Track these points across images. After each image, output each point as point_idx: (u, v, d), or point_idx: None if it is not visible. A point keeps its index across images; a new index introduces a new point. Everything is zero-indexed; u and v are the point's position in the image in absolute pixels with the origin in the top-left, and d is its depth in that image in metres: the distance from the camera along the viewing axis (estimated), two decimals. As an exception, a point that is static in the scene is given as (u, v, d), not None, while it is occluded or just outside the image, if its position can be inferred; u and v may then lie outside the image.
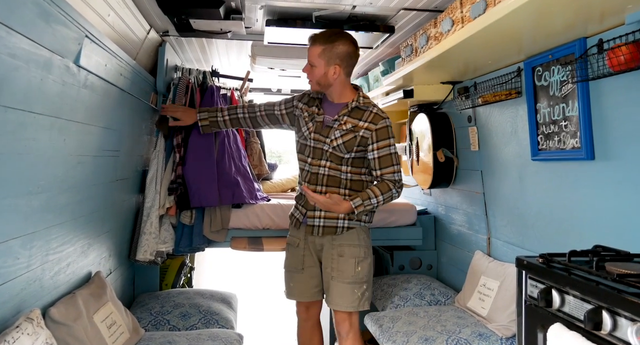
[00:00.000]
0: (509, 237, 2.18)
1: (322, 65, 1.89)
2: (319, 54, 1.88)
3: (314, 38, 1.91)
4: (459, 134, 2.57)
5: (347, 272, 1.92)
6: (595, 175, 1.59)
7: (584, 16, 1.42)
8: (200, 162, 2.42)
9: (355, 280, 1.93)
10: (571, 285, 1.05)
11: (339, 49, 1.88)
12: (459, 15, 1.83)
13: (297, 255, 2.04)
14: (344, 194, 1.94)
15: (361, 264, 1.94)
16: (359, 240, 1.97)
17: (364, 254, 1.96)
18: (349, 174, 1.95)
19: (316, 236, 1.98)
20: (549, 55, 1.75)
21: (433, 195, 3.00)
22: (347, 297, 1.92)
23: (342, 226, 1.94)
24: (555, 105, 1.76)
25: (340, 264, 1.93)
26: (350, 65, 1.94)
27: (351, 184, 1.96)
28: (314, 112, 2.00)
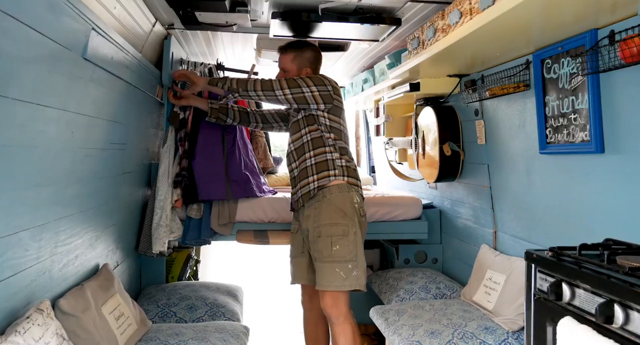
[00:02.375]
0: (515, 231, 2.17)
1: (295, 70, 2.17)
2: (291, 60, 2.17)
3: (284, 47, 2.21)
4: (466, 128, 2.56)
5: (325, 251, 1.94)
6: (605, 169, 1.57)
7: (595, 7, 1.40)
8: (208, 157, 2.45)
9: (334, 259, 1.92)
10: (582, 278, 1.04)
11: (307, 55, 2.19)
12: (468, 7, 1.81)
13: (297, 241, 2.14)
14: (310, 156, 2.06)
15: (340, 242, 1.93)
16: (336, 218, 1.96)
17: (342, 232, 1.95)
18: (307, 134, 2.08)
19: (303, 217, 2.05)
20: (559, 47, 1.73)
21: (439, 189, 2.99)
22: (327, 276, 1.93)
23: (313, 187, 2.02)
24: (564, 98, 1.74)
25: (318, 244, 1.96)
26: (318, 69, 2.25)
27: (312, 142, 2.06)
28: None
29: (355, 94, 3.70)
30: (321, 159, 2.05)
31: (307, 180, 2.05)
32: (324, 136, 2.07)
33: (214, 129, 2.50)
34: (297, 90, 2.05)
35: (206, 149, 2.46)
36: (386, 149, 3.52)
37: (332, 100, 2.09)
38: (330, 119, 2.09)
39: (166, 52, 2.44)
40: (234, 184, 2.50)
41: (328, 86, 2.08)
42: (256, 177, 2.65)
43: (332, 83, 2.11)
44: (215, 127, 2.51)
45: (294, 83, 2.05)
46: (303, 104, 2.07)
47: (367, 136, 4.49)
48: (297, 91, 2.04)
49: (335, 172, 2.02)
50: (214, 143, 2.49)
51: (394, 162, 3.46)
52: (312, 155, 2.06)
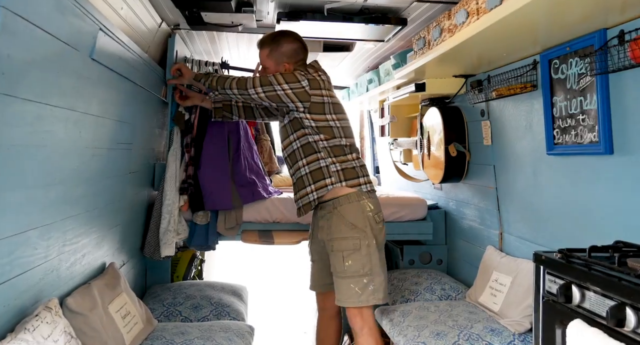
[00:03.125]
0: (522, 233, 2.16)
1: (273, 66, 2.01)
2: (266, 56, 2.01)
3: (261, 42, 2.04)
4: (471, 128, 2.55)
5: (338, 266, 1.87)
6: (613, 170, 1.56)
7: (605, 6, 1.39)
8: (214, 166, 2.43)
9: (347, 275, 1.85)
10: (592, 281, 1.04)
11: (284, 48, 2.00)
12: (474, 7, 1.80)
13: (312, 246, 2.11)
14: (303, 164, 1.95)
15: (352, 257, 1.84)
16: (347, 232, 1.87)
17: (353, 246, 1.85)
18: (296, 141, 1.96)
19: (317, 225, 2.00)
20: (567, 47, 1.72)
21: (444, 189, 2.98)
22: (344, 292, 1.87)
23: (313, 199, 1.93)
24: (572, 99, 1.73)
25: (332, 259, 1.90)
26: (300, 61, 2.04)
27: (303, 149, 1.94)
28: None
29: (360, 95, 3.69)
30: (315, 167, 1.93)
31: (306, 190, 1.95)
32: (314, 140, 1.94)
33: (219, 132, 2.48)
34: (269, 88, 1.90)
35: (212, 159, 2.43)
36: (391, 149, 3.51)
37: (309, 96, 1.91)
38: (314, 119, 1.93)
39: (170, 50, 2.42)
40: (241, 189, 2.49)
41: (302, 82, 1.90)
42: (262, 180, 2.65)
43: (309, 77, 1.93)
44: (220, 131, 2.48)
45: (266, 80, 1.91)
46: (278, 102, 1.95)
47: (372, 136, 4.49)
48: (269, 89, 1.90)
49: (332, 180, 1.90)
50: (219, 150, 2.45)
51: (398, 162, 3.45)
52: (304, 163, 1.95)
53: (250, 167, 2.61)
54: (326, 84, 1.99)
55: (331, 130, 1.95)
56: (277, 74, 1.93)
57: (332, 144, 1.94)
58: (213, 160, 2.44)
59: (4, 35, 0.96)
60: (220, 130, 2.47)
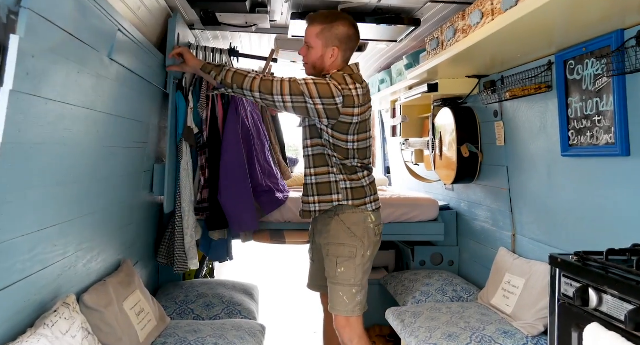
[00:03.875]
0: (535, 235, 2.14)
1: (320, 47, 1.78)
2: (316, 34, 1.78)
3: (312, 18, 1.81)
4: (484, 129, 2.53)
5: (331, 271, 1.82)
6: (631, 172, 1.54)
7: (622, 7, 1.38)
8: (235, 184, 2.30)
9: (338, 282, 1.80)
10: (610, 284, 1.03)
11: (338, 30, 1.77)
12: (489, 7, 1.79)
13: (310, 246, 2.10)
14: (311, 174, 1.85)
15: (345, 264, 1.78)
16: (344, 239, 1.81)
17: (348, 253, 1.79)
18: (309, 148, 1.85)
19: (316, 229, 1.96)
20: (583, 48, 1.70)
21: (456, 190, 2.96)
22: (333, 299, 1.83)
23: (314, 210, 1.86)
24: (588, 100, 1.71)
25: (327, 263, 1.86)
26: (350, 49, 1.82)
27: (314, 160, 1.84)
28: None
29: (372, 95, 3.68)
30: (323, 180, 1.83)
31: (308, 198, 1.88)
32: (327, 154, 1.82)
33: (233, 138, 2.31)
34: (299, 98, 1.71)
35: (231, 179, 2.28)
36: (402, 149, 3.51)
37: (339, 115, 1.73)
38: (334, 136, 1.78)
39: (171, 33, 2.05)
40: (261, 200, 2.44)
41: (337, 98, 1.71)
42: (274, 180, 2.57)
43: (345, 93, 1.73)
44: (234, 136, 2.32)
45: (298, 89, 1.70)
46: (304, 115, 1.79)
47: (383, 136, 4.48)
48: (299, 100, 1.71)
49: (339, 197, 1.81)
50: (236, 162, 2.30)
51: (410, 163, 3.45)
52: (313, 173, 1.85)
53: (264, 170, 2.51)
54: (361, 100, 1.78)
55: (347, 152, 1.82)
56: (311, 84, 1.71)
57: (345, 163, 1.84)
58: (233, 178, 2.29)
59: (28, 36, 0.98)
60: (234, 134, 2.32)
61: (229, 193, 2.29)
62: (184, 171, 2.27)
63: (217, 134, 2.36)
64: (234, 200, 2.30)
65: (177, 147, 2.28)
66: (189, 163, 2.28)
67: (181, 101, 2.27)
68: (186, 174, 2.27)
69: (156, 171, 2.28)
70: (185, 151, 2.27)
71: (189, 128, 2.27)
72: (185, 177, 2.27)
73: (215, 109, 2.37)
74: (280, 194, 2.58)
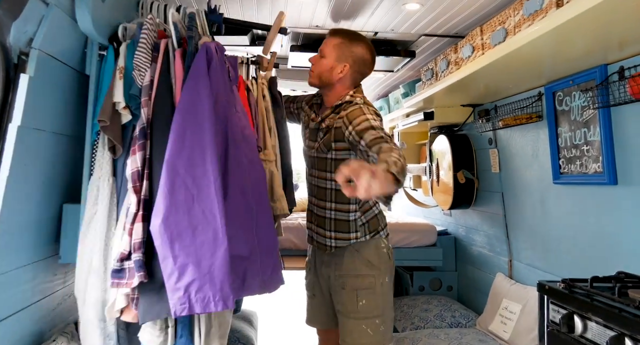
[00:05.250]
0: (531, 260, 2.17)
1: (333, 58, 1.70)
2: (334, 45, 1.71)
3: (336, 30, 1.76)
4: (480, 156, 2.59)
5: (349, 306, 1.68)
6: (618, 201, 1.59)
7: (604, 44, 1.46)
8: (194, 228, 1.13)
9: (360, 316, 1.67)
10: (593, 311, 1.06)
11: (356, 49, 1.71)
12: (479, 42, 1.88)
13: (309, 280, 1.90)
14: (330, 207, 1.72)
15: (366, 296, 1.68)
16: (362, 270, 1.70)
17: (368, 284, 1.68)
18: (332, 181, 1.69)
19: (322, 261, 1.80)
20: (570, 81, 1.78)
21: (453, 216, 3.00)
22: (353, 333, 1.68)
23: (330, 245, 1.72)
24: (576, 130, 1.77)
25: (342, 297, 1.70)
26: (360, 73, 1.74)
27: (336, 194, 1.70)
28: (310, 117, 1.82)
29: (370, 121, 3.77)
30: (342, 217, 1.71)
31: (325, 232, 1.74)
32: None
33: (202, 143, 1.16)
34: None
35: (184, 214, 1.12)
36: (401, 175, 3.56)
37: None
38: None
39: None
40: (250, 270, 1.25)
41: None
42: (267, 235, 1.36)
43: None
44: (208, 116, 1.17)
45: (387, 135, 1.50)
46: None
47: (382, 161, 4.53)
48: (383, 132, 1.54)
49: (357, 235, 1.71)
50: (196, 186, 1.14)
51: (408, 188, 3.50)
52: (333, 207, 1.72)
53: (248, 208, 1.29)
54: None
55: None
56: (380, 127, 1.54)
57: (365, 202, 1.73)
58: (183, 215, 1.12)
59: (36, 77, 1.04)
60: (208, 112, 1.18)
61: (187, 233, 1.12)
62: (91, 197, 1.21)
63: (167, 111, 1.22)
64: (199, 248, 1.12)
65: (92, 150, 1.27)
66: (104, 183, 1.22)
67: (109, 59, 1.29)
68: (102, 206, 1.20)
69: (67, 215, 1.32)
70: (103, 154, 1.24)
71: (113, 107, 1.21)
72: (91, 206, 1.20)
73: (170, 68, 1.27)
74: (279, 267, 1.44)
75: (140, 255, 1.13)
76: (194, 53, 1.25)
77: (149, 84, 1.24)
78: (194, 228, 1.11)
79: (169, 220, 1.09)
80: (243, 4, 1.95)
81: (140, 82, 1.23)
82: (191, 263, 1.10)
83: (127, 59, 1.26)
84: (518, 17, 1.60)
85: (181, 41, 1.31)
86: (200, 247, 1.10)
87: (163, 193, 1.10)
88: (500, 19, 1.72)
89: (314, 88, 1.80)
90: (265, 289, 1.32)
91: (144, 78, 1.24)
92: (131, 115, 1.25)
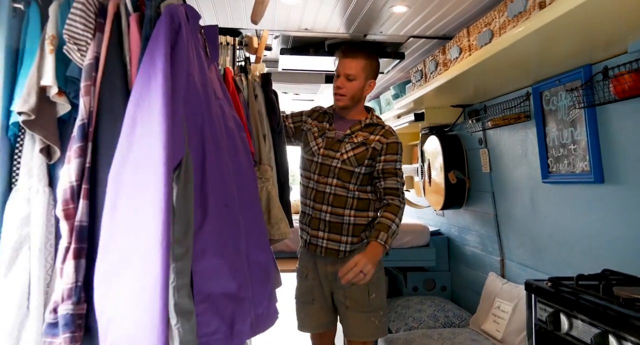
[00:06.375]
0: (522, 259, 2.18)
1: (363, 79, 1.83)
2: (362, 68, 1.81)
3: (353, 52, 1.82)
4: (470, 156, 2.61)
5: (361, 300, 1.80)
6: (605, 199, 1.61)
7: (588, 45, 1.47)
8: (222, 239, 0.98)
9: (370, 309, 1.81)
10: (579, 309, 1.07)
11: (374, 65, 1.87)
12: (466, 44, 1.90)
13: (307, 286, 1.91)
14: (349, 214, 1.82)
15: (375, 290, 1.82)
16: None
17: (376, 279, 1.79)
18: (355, 191, 1.82)
19: (325, 262, 1.84)
20: (556, 81, 1.80)
21: (446, 216, 3.01)
22: (365, 326, 1.81)
23: (343, 250, 1.81)
24: (563, 129, 1.79)
25: (353, 293, 1.80)
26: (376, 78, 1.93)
27: (357, 203, 1.83)
28: (324, 127, 1.89)
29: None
30: (361, 222, 1.83)
31: (340, 237, 1.81)
32: (369, 198, 1.85)
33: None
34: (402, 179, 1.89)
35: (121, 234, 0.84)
36: (394, 176, 3.57)
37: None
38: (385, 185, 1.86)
39: None
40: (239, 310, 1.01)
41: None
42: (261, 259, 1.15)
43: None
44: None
45: (401, 173, 1.89)
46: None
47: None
48: (402, 181, 1.88)
49: (367, 235, 1.85)
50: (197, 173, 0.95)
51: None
52: (352, 214, 1.82)
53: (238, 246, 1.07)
54: None
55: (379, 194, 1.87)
56: (401, 172, 1.87)
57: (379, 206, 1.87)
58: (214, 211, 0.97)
59: None
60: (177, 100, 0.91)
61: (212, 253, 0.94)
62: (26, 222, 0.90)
63: (117, 102, 0.92)
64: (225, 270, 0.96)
65: (11, 153, 0.95)
66: (44, 190, 0.92)
67: (31, 21, 0.96)
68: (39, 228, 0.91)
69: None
70: (32, 157, 0.93)
71: (42, 93, 0.91)
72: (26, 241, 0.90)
73: (123, 41, 0.96)
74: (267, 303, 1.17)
75: (69, 307, 0.82)
76: (155, 19, 0.92)
77: (91, 63, 0.90)
78: (126, 266, 0.79)
79: (106, 256, 0.80)
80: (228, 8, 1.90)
81: (80, 60, 0.90)
82: (115, 318, 0.79)
83: (61, 24, 0.91)
84: (503, 18, 1.62)
85: (138, 3, 0.97)
86: (130, 294, 0.79)
87: (104, 218, 0.82)
88: (486, 21, 1.73)
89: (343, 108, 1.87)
90: (258, 329, 1.06)
91: (84, 54, 0.90)
92: (71, 104, 0.93)
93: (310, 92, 3.11)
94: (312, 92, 3.12)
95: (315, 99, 3.42)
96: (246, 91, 1.50)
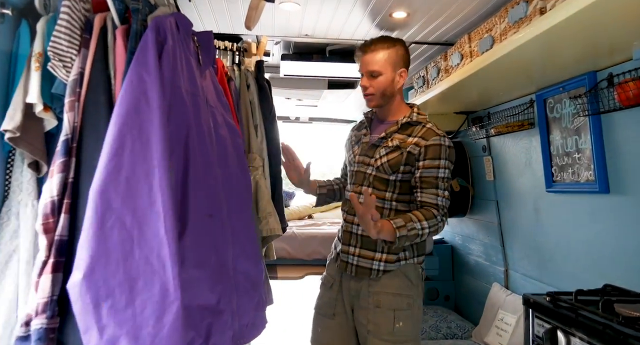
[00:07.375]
0: (526, 270, 2.12)
1: (390, 71, 1.58)
2: (385, 60, 1.57)
3: (369, 47, 1.59)
4: (474, 163, 2.56)
5: (384, 327, 1.51)
6: (611, 209, 1.55)
7: (592, 51, 1.43)
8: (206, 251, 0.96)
9: (395, 339, 1.50)
10: (577, 326, 1.02)
11: (402, 51, 1.61)
12: (468, 50, 1.86)
13: (330, 298, 1.66)
14: None
15: (403, 318, 1.52)
16: (401, 288, 1.54)
17: (406, 305, 1.53)
18: (393, 202, 1.56)
19: (351, 277, 1.60)
20: (560, 88, 1.75)
21: (450, 224, 2.96)
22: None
23: (377, 268, 1.54)
24: (568, 137, 1.74)
25: (376, 316, 1.52)
26: (409, 66, 1.65)
27: (395, 214, 1.54)
28: (361, 134, 1.70)
29: (367, 129, 3.75)
30: None
31: (372, 254, 1.55)
32: (407, 209, 1.57)
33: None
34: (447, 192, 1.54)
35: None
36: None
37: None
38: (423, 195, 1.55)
39: None
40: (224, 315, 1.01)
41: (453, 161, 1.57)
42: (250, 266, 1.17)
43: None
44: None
45: (445, 185, 1.52)
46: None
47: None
48: (443, 194, 1.53)
49: (406, 255, 1.56)
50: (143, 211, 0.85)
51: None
52: None
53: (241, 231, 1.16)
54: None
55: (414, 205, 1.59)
56: (447, 181, 1.52)
57: None
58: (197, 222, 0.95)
59: None
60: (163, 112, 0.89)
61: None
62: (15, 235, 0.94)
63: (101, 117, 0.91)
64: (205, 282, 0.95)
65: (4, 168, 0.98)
66: (32, 203, 0.95)
67: (22, 41, 0.98)
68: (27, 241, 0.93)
69: None
70: (22, 171, 0.96)
71: (28, 110, 0.92)
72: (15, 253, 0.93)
73: (108, 56, 0.95)
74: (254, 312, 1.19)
75: (43, 321, 0.81)
76: (141, 32, 0.91)
77: (76, 79, 0.90)
78: (131, 283, 0.78)
79: (94, 275, 0.77)
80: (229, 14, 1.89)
81: (65, 77, 0.90)
82: (125, 335, 0.77)
83: (47, 40, 0.91)
84: (504, 24, 1.58)
85: (126, 16, 0.94)
86: (140, 310, 0.78)
87: (88, 236, 0.78)
88: (487, 27, 1.70)
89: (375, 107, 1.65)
90: (242, 340, 1.04)
91: (70, 70, 0.91)
92: (57, 119, 0.94)
93: (314, 98, 3.10)
94: (315, 98, 3.10)
95: (319, 105, 3.40)
96: (238, 81, 1.48)
